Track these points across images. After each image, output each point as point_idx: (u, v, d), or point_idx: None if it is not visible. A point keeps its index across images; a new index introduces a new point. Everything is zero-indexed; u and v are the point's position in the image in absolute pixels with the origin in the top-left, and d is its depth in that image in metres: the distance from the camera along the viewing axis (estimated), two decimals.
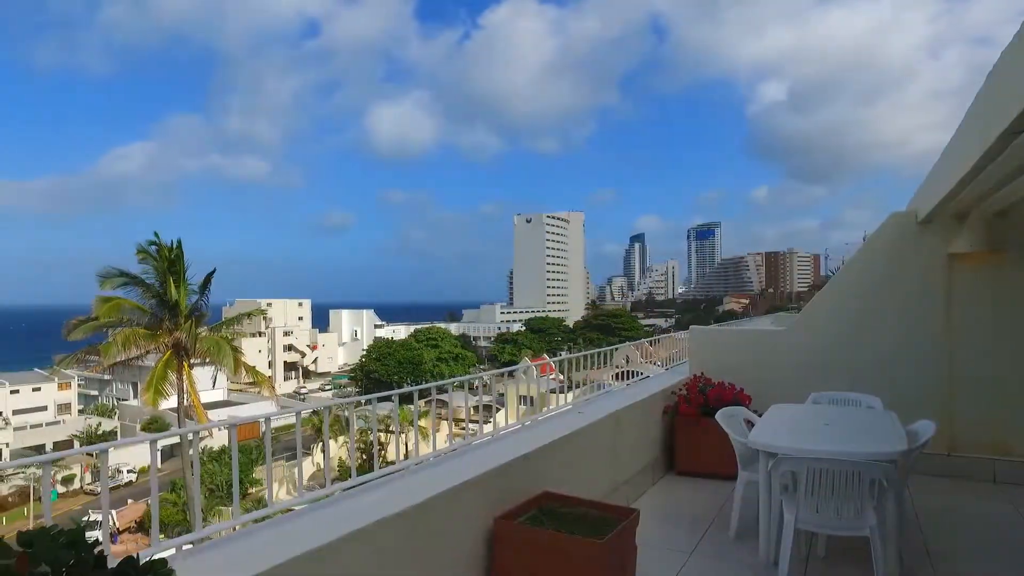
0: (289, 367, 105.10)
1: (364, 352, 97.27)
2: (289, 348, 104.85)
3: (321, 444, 47.19)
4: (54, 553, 1.04)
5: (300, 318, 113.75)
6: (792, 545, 3.93)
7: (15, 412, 65.70)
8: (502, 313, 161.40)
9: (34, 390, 68.41)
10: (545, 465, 4.33)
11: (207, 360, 22.55)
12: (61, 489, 54.74)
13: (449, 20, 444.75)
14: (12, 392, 66.69)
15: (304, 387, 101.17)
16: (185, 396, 22.60)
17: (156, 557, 1.43)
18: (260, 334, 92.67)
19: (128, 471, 57.48)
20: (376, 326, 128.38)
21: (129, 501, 47.82)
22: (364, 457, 45.93)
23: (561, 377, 6.34)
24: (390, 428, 48.55)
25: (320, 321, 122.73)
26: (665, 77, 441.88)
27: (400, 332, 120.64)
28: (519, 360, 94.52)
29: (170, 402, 27.87)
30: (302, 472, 3.83)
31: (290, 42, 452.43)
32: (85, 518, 44.12)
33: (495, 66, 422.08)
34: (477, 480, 3.57)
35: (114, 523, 43.42)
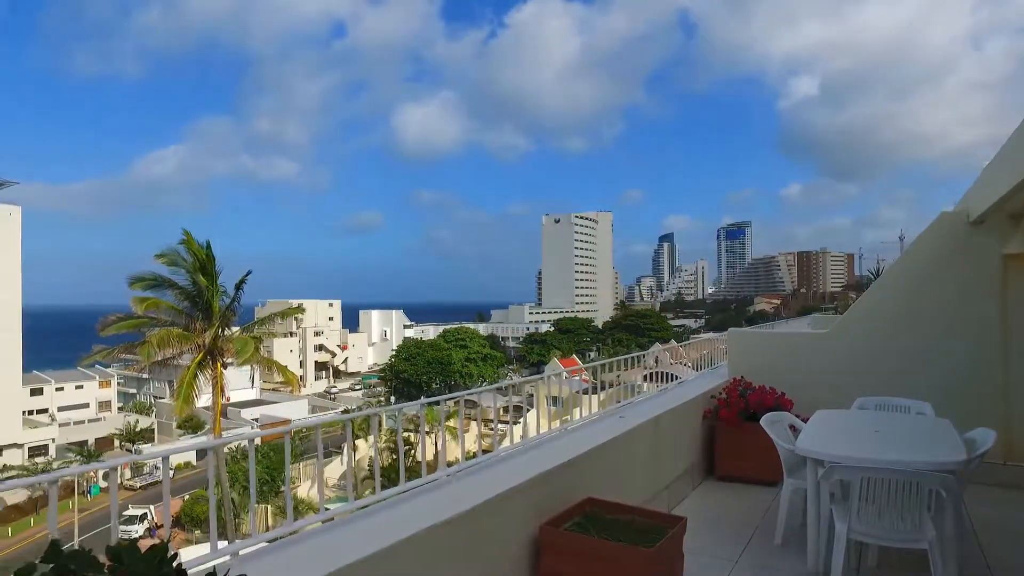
0: (320, 367, 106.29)
1: (394, 352, 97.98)
2: (320, 348, 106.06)
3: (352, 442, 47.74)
4: (146, 569, 1.03)
5: (331, 318, 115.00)
6: (844, 555, 3.82)
7: (60, 409, 67.78)
8: (530, 313, 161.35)
9: (77, 388, 70.51)
10: (588, 471, 4.28)
11: (238, 360, 22.86)
12: (103, 484, 56.38)
13: (475, 19, 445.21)
14: (57, 389, 68.81)
15: (335, 387, 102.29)
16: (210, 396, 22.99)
17: (231, 569, 1.42)
18: (291, 334, 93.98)
19: None
20: (405, 326, 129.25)
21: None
22: (394, 457, 46.27)
23: (590, 378, 6.29)
24: (420, 428, 48.93)
25: (350, 321, 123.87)
26: (694, 74, 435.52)
27: (429, 332, 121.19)
28: (548, 360, 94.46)
29: (203, 400, 28.33)
30: (351, 477, 3.85)
31: (317, 43, 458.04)
32: (125, 512, 45.51)
33: (522, 65, 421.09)
34: (523, 487, 3.54)
35: (152, 517, 44.66)
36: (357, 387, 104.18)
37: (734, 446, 6.55)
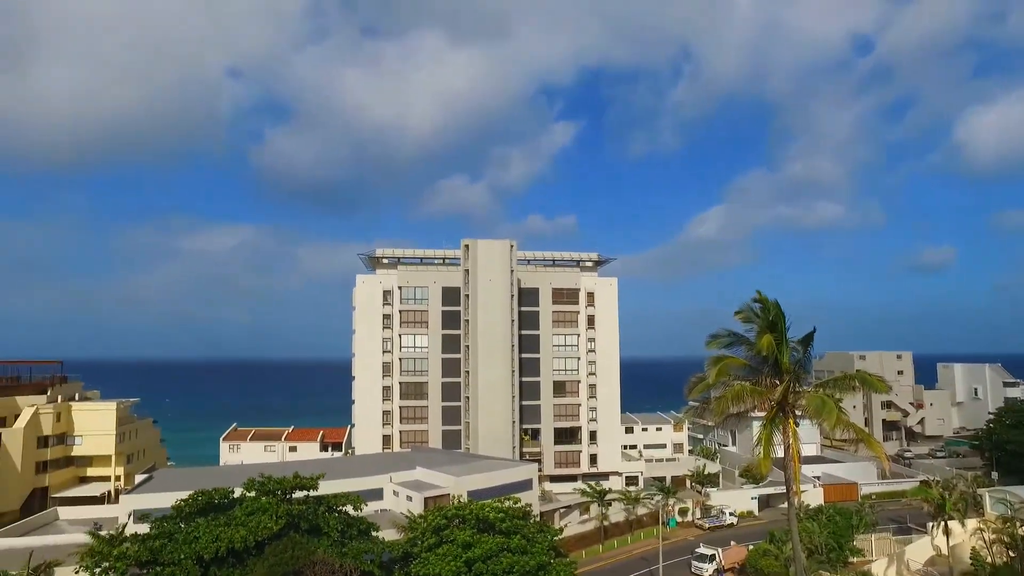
0: (888, 426, 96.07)
1: (991, 415, 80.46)
2: (888, 405, 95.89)
3: (943, 523, 39.85)
4: None
5: (900, 372, 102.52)
6: None
7: (645, 446, 79.39)
8: None
9: (656, 429, 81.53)
10: None
11: (810, 417, 22.05)
12: (678, 518, 62.60)
13: None
14: (643, 430, 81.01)
15: (908, 450, 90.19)
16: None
17: None
18: (853, 389, 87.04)
19: (730, 513, 61.65)
20: (1005, 384, 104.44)
21: (732, 543, 51.02)
22: (1011, 555, 36.61)
23: None
24: None
25: (926, 376, 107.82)
26: None
27: None
28: None
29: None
30: None
31: (840, 69, 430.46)
32: (697, 549, 49.09)
33: None
34: None
35: (719, 560, 46.82)
36: (939, 453, 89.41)
37: None
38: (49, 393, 65.01)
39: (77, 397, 69.04)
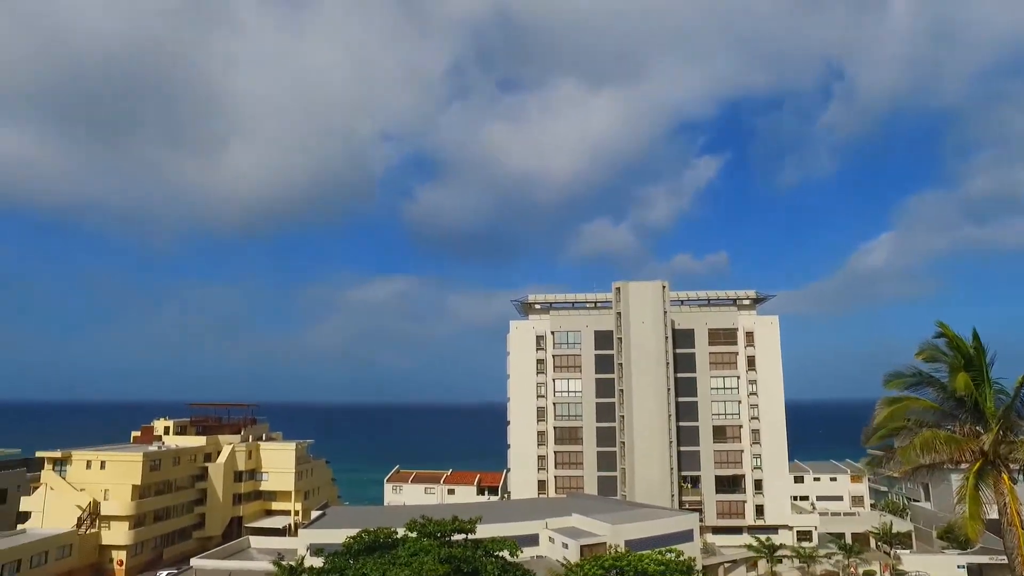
0: None
1: None
2: None
3: None
4: None
5: None
6: None
7: (818, 498, 72.41)
8: None
9: (831, 479, 74.11)
10: None
11: None
12: None
13: None
14: (815, 479, 74.09)
15: None
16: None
17: None
18: None
19: None
20: None
21: None
22: None
23: None
24: None
25: None
26: None
27: None
28: None
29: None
30: None
31: None
32: None
33: None
34: None
35: None
36: None
37: None
38: (242, 433, 72.64)
39: (264, 437, 76.43)
